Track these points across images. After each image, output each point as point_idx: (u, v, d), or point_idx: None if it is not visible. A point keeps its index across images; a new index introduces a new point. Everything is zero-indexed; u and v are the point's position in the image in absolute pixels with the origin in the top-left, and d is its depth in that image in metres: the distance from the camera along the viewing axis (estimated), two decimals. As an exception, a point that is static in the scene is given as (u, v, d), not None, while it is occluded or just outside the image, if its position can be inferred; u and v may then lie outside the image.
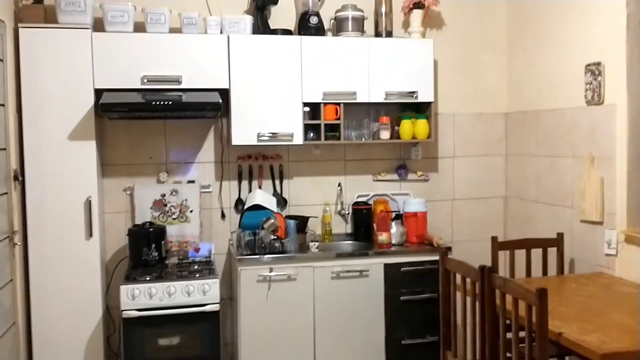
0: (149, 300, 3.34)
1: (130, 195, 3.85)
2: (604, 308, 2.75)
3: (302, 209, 4.07)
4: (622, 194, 3.24)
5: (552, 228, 3.71)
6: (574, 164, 3.59)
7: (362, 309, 3.67)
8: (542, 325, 2.30)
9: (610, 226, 3.31)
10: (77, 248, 3.48)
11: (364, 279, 3.67)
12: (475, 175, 4.35)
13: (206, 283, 3.42)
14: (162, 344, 3.40)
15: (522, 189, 4.18)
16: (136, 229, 3.67)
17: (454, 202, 4.34)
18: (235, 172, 3.99)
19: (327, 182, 4.13)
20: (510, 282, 2.55)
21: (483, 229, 4.28)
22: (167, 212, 3.84)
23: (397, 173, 4.23)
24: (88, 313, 3.50)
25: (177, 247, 3.85)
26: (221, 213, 3.99)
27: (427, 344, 3.70)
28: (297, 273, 3.58)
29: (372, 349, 3.68)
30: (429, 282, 3.68)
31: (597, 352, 2.20)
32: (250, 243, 3.60)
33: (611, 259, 3.31)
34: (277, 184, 4.05)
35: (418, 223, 3.89)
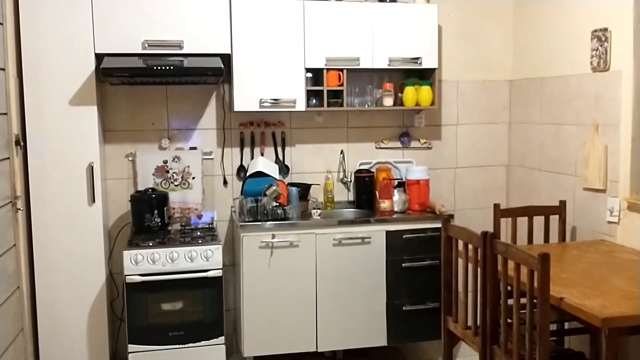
0: (152, 266, 3.36)
1: (132, 161, 3.84)
2: (605, 274, 2.76)
3: (304, 176, 4.06)
4: (625, 162, 3.22)
5: (555, 196, 3.70)
6: (578, 131, 3.57)
7: (363, 276, 3.69)
8: (544, 290, 2.31)
9: (613, 194, 3.31)
10: (80, 214, 3.49)
11: (366, 245, 3.68)
12: (479, 143, 4.33)
13: (209, 249, 3.43)
14: (165, 309, 3.43)
15: (525, 157, 4.16)
16: (139, 195, 3.67)
17: (456, 170, 4.33)
18: (238, 139, 3.97)
19: (330, 149, 4.12)
20: (512, 247, 2.55)
21: (485, 197, 4.28)
22: (169, 179, 3.83)
23: (400, 141, 4.21)
24: (91, 278, 3.53)
25: (179, 213, 3.86)
26: (223, 180, 3.99)
27: (428, 310, 3.73)
28: (299, 240, 3.59)
29: (373, 314, 3.71)
30: (431, 249, 3.69)
31: (598, 317, 2.21)
32: (253, 210, 3.61)
33: (613, 227, 3.31)
34: (280, 151, 4.04)
35: (420, 191, 3.88)
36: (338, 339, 3.70)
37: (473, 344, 2.87)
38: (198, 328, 3.44)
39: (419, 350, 4.05)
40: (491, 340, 2.72)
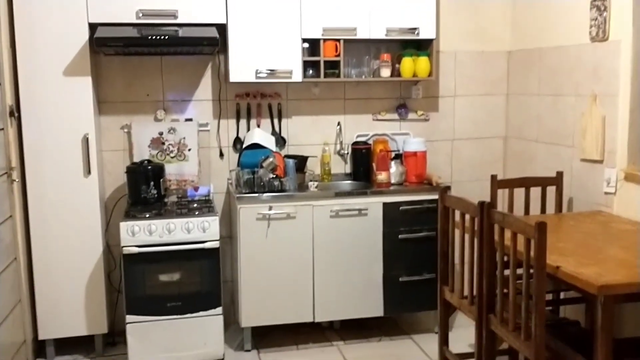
0: (149, 237, 3.36)
1: (127, 133, 3.82)
2: (601, 244, 2.77)
3: (300, 148, 4.04)
4: (623, 132, 3.21)
5: (552, 168, 3.69)
6: (576, 102, 3.56)
7: (360, 247, 3.69)
8: (540, 258, 2.31)
9: (610, 165, 3.30)
10: (76, 185, 3.47)
11: (363, 217, 3.68)
12: (476, 114, 4.31)
13: (206, 220, 3.43)
14: (162, 280, 3.44)
15: (522, 128, 4.15)
16: (134, 167, 3.66)
17: (453, 142, 4.32)
18: (234, 111, 3.95)
19: (327, 121, 4.10)
20: (509, 216, 2.55)
21: (482, 169, 4.26)
22: (165, 151, 3.81)
23: (397, 112, 4.19)
24: (88, 249, 3.53)
25: (175, 185, 3.85)
26: (219, 152, 3.97)
27: (424, 280, 3.75)
28: (296, 211, 3.59)
29: (370, 286, 3.72)
30: (427, 220, 3.69)
31: (594, 284, 2.22)
32: (249, 181, 3.60)
33: (610, 198, 3.31)
34: (276, 123, 4.01)
35: (417, 162, 3.88)
36: (335, 309, 3.72)
37: (469, 313, 2.89)
38: (196, 299, 3.45)
39: (415, 321, 4.08)
40: (487, 309, 2.74)
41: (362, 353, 3.67)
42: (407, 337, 3.88)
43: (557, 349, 2.49)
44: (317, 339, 3.85)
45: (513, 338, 2.53)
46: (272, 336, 3.85)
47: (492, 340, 2.74)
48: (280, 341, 3.81)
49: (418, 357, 3.61)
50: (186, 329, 3.44)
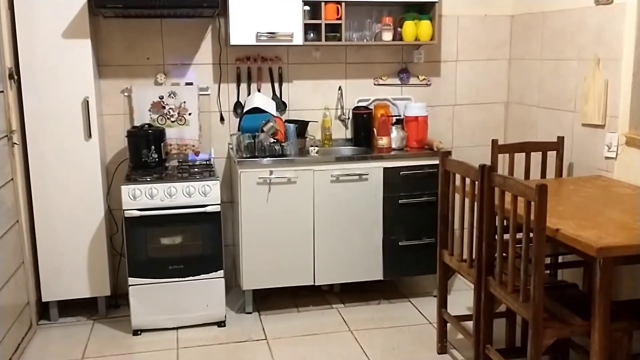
0: (150, 201, 3.37)
1: (128, 97, 3.80)
2: (601, 207, 2.78)
3: (301, 113, 4.03)
4: (625, 96, 3.20)
5: (553, 133, 3.68)
6: (579, 66, 3.53)
7: (361, 212, 3.71)
8: (541, 220, 2.32)
9: (611, 129, 3.30)
10: (77, 149, 3.48)
11: (364, 182, 3.69)
12: (478, 80, 4.28)
13: (207, 184, 3.43)
14: (164, 243, 3.46)
15: (524, 94, 4.13)
16: (135, 131, 3.65)
17: (455, 107, 4.30)
18: (234, 75, 3.92)
19: (328, 85, 4.07)
20: (510, 179, 2.56)
21: (483, 135, 4.25)
22: (165, 115, 3.80)
23: (398, 77, 4.16)
24: (90, 213, 3.55)
25: (176, 150, 3.85)
26: (220, 116, 3.96)
27: (424, 245, 3.78)
28: (297, 176, 3.59)
29: (370, 250, 3.75)
30: (428, 186, 3.71)
31: (593, 246, 2.23)
32: (250, 146, 3.59)
33: (610, 162, 3.31)
34: (277, 87, 3.99)
35: (419, 127, 3.87)
36: (335, 273, 3.76)
37: (468, 276, 2.91)
38: (197, 262, 3.48)
39: (414, 284, 4.13)
40: (486, 271, 2.76)
41: (361, 316, 3.71)
42: (406, 301, 3.93)
43: (555, 311, 2.52)
44: (317, 302, 3.90)
45: (512, 300, 2.56)
46: (272, 299, 3.90)
47: (490, 302, 2.78)
48: (281, 304, 3.86)
49: (417, 320, 3.65)
50: (188, 292, 3.48)
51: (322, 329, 3.55)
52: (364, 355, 3.24)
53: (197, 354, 3.28)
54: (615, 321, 2.40)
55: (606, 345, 2.36)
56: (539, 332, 2.38)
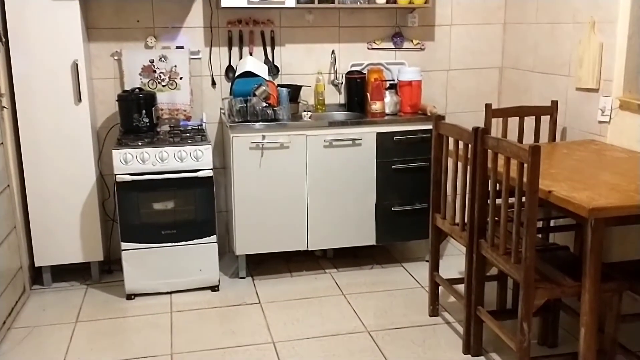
0: (142, 165, 3.35)
1: (118, 60, 3.75)
2: (594, 170, 2.78)
3: (294, 77, 3.99)
4: (620, 60, 3.18)
5: (547, 97, 3.67)
6: (574, 29, 3.50)
7: (354, 177, 3.70)
8: (533, 182, 2.32)
9: (605, 93, 3.28)
10: (67, 113, 3.44)
11: (357, 147, 3.68)
12: (472, 44, 4.24)
13: (199, 149, 3.41)
14: (157, 208, 3.45)
15: (519, 58, 4.10)
16: (126, 95, 3.61)
17: (449, 72, 4.26)
18: (225, 38, 3.87)
19: (321, 49, 4.02)
20: (503, 141, 2.55)
21: (478, 100, 4.23)
22: (156, 79, 3.75)
23: (392, 41, 4.12)
24: (82, 178, 3.53)
25: (168, 114, 3.81)
26: (211, 80, 3.91)
27: (416, 210, 3.78)
28: (290, 141, 3.57)
29: (363, 214, 3.75)
30: (421, 151, 3.70)
31: (585, 207, 2.23)
32: (242, 110, 3.56)
33: (604, 126, 3.31)
34: (269, 51, 3.94)
35: (412, 92, 3.84)
36: (328, 238, 3.76)
37: (460, 239, 2.92)
38: (190, 227, 3.48)
39: (406, 250, 4.15)
40: (478, 234, 2.77)
41: (354, 280, 3.73)
42: (398, 265, 3.95)
43: (546, 272, 2.54)
44: (311, 267, 3.92)
45: (503, 262, 2.57)
46: (266, 264, 3.91)
47: (482, 265, 2.79)
48: (274, 269, 3.88)
49: (409, 284, 3.68)
50: (181, 257, 3.49)
51: (315, 293, 3.57)
52: (356, 317, 3.27)
53: (190, 317, 3.29)
54: (605, 282, 2.41)
55: (596, 305, 2.38)
56: (530, 292, 2.40)
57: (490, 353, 2.88)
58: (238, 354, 2.93)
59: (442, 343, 3.02)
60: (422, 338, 3.05)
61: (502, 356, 2.85)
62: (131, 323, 3.27)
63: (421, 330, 3.13)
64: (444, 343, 3.01)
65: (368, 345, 2.99)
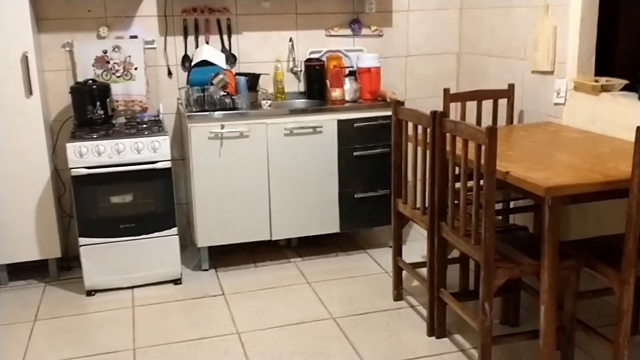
0: (98, 158, 3.27)
1: (69, 51, 3.64)
2: (550, 151, 2.82)
3: (252, 66, 3.94)
4: (574, 42, 3.22)
5: (504, 81, 3.70)
6: (529, 13, 3.54)
7: (316, 165, 3.69)
8: (491, 163, 2.34)
9: (560, 75, 3.33)
10: (18, 106, 3.33)
11: (318, 135, 3.66)
12: (430, 30, 4.26)
13: (156, 140, 3.35)
14: (114, 202, 3.38)
15: (475, 43, 4.13)
16: (79, 86, 3.52)
17: (407, 58, 4.27)
18: (181, 27, 3.79)
19: (278, 37, 3.99)
20: (461, 124, 2.56)
21: (436, 86, 4.23)
22: (110, 70, 3.67)
23: (350, 28, 4.10)
24: (35, 173, 3.43)
25: (123, 106, 3.72)
26: (168, 70, 3.84)
27: (379, 196, 3.79)
28: (250, 130, 3.53)
29: (326, 202, 3.74)
30: (382, 137, 3.70)
31: (542, 186, 2.26)
32: (200, 99, 3.50)
33: (559, 108, 3.36)
34: (225, 40, 3.88)
35: (372, 79, 3.83)
36: (292, 227, 3.74)
37: (422, 223, 2.94)
38: (150, 220, 3.42)
39: (370, 236, 4.16)
40: (439, 217, 2.79)
41: (319, 268, 3.73)
42: (362, 252, 3.96)
43: (506, 252, 2.56)
44: (275, 257, 3.89)
45: (464, 243, 2.59)
46: (229, 256, 3.87)
47: (444, 247, 2.81)
48: (238, 260, 3.84)
49: (373, 270, 3.69)
50: (141, 250, 3.42)
51: (280, 283, 3.55)
52: (321, 305, 3.26)
53: (153, 311, 3.24)
54: (563, 260, 2.45)
55: (555, 283, 2.42)
56: (490, 272, 2.43)
57: (453, 334, 2.91)
58: (202, 346, 2.90)
59: (406, 326, 3.04)
60: (386, 322, 3.07)
61: (465, 337, 2.88)
62: (92, 319, 3.20)
63: (386, 315, 3.14)
64: (409, 326, 3.03)
65: (333, 332, 2.99)
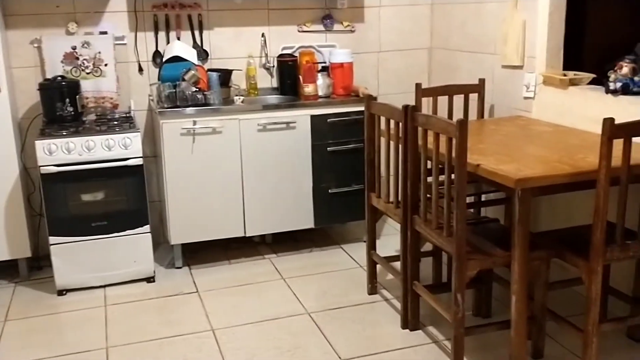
0: (68, 155, 3.22)
1: (38, 48, 3.58)
2: (520, 144, 2.86)
3: (224, 62, 3.92)
4: (542, 36, 3.27)
5: (476, 76, 3.73)
6: (498, 8, 3.58)
7: (289, 160, 3.68)
8: (462, 156, 2.36)
9: (529, 70, 3.38)
10: (-16, 103, 3.27)
11: (291, 130, 3.65)
12: (401, 25, 4.28)
13: (127, 137, 3.31)
14: (85, 200, 3.34)
15: (447, 38, 4.16)
16: (47, 83, 3.46)
17: (380, 54, 4.29)
18: (151, 23, 3.76)
19: (250, 33, 3.97)
20: (432, 117, 2.58)
21: (408, 81, 4.24)
22: (80, 66, 3.61)
23: (322, 23, 4.10)
24: (4, 171, 3.38)
25: (93, 103, 3.68)
26: (138, 67, 3.80)
27: (353, 191, 3.80)
28: (223, 126, 3.52)
29: (300, 198, 3.74)
30: (355, 132, 3.71)
31: (512, 178, 2.29)
32: (172, 95, 3.47)
33: (529, 102, 3.41)
34: (197, 35, 3.85)
35: (344, 74, 3.85)
36: (266, 223, 3.74)
37: (395, 216, 2.95)
38: (122, 218, 3.38)
39: (344, 231, 4.17)
40: (412, 210, 2.81)
41: (293, 264, 3.73)
42: (337, 247, 3.97)
43: (478, 244, 2.59)
44: (249, 254, 3.88)
45: (436, 235, 2.62)
46: (203, 253, 3.85)
47: (417, 240, 2.83)
48: (212, 257, 3.83)
49: (348, 265, 3.70)
50: (114, 249, 3.39)
51: (255, 279, 3.54)
52: (296, 300, 3.26)
53: (126, 310, 3.21)
54: (533, 251, 2.49)
55: (526, 273, 2.45)
56: (462, 264, 2.45)
57: (427, 327, 2.94)
58: (177, 343, 2.88)
59: (381, 319, 3.05)
60: (361, 316, 3.08)
61: (438, 329, 2.91)
62: (64, 319, 3.16)
63: (360, 309, 3.15)
64: (383, 319, 3.05)
65: (308, 327, 2.99)
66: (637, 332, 2.76)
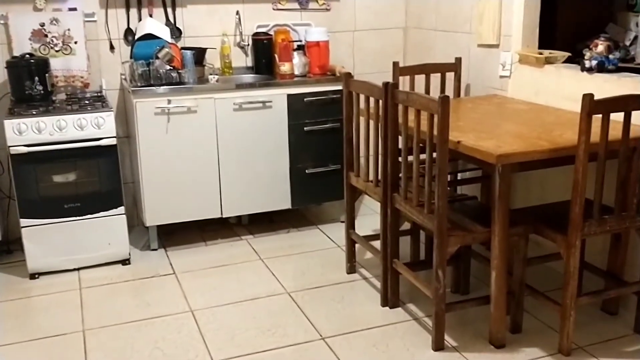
0: (38, 135, 3.13)
1: (4, 25, 3.46)
2: (498, 122, 2.88)
3: (198, 40, 3.84)
4: (518, 15, 3.27)
5: (451, 55, 3.73)
6: (474, -14, 3.58)
7: (266, 140, 3.65)
8: (444, 132, 2.36)
9: (505, 48, 3.39)
10: (-52, 82, 3.15)
11: (267, 110, 3.61)
12: (376, 4, 4.25)
13: (100, 116, 3.23)
14: (57, 181, 3.25)
15: (422, 18, 4.15)
16: (15, 61, 3.36)
17: (355, 33, 4.26)
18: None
19: (224, 10, 3.89)
20: (413, 94, 2.58)
21: (384, 61, 4.24)
22: (48, 44, 3.50)
23: (297, 2, 4.05)
24: (-30, 153, 3.27)
25: (63, 82, 3.58)
26: (110, 44, 3.70)
27: (330, 172, 3.79)
28: (198, 105, 3.46)
29: (277, 178, 3.71)
30: (332, 112, 3.69)
31: (493, 154, 2.30)
32: (145, 74, 3.40)
33: (505, 81, 3.42)
34: (170, 13, 3.77)
35: (320, 53, 3.80)
36: (242, 204, 3.70)
37: (374, 195, 2.95)
38: (95, 199, 3.31)
39: (322, 212, 4.16)
40: (392, 188, 2.80)
41: (271, 245, 3.71)
42: (314, 228, 3.96)
43: (457, 221, 2.61)
44: (226, 235, 3.85)
45: (417, 213, 2.62)
46: (179, 234, 3.80)
47: (396, 218, 2.83)
48: (188, 239, 3.78)
49: (326, 245, 3.69)
50: (87, 231, 3.32)
51: (232, 260, 3.51)
52: (275, 280, 3.25)
53: (101, 293, 3.15)
54: (512, 227, 2.51)
55: (505, 249, 2.48)
56: (443, 240, 2.46)
57: (407, 304, 2.95)
58: (155, 324, 2.84)
59: (360, 298, 3.06)
60: (341, 295, 3.08)
61: (418, 306, 2.93)
62: (37, 303, 3.09)
63: (340, 288, 3.15)
64: (363, 298, 3.06)
65: (288, 306, 2.98)
66: (612, 306, 2.81)
